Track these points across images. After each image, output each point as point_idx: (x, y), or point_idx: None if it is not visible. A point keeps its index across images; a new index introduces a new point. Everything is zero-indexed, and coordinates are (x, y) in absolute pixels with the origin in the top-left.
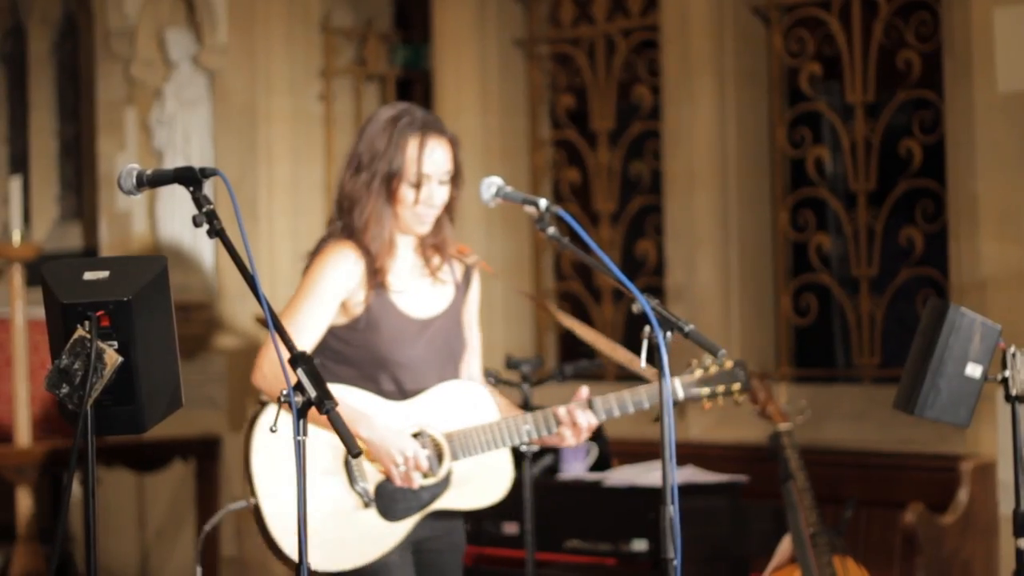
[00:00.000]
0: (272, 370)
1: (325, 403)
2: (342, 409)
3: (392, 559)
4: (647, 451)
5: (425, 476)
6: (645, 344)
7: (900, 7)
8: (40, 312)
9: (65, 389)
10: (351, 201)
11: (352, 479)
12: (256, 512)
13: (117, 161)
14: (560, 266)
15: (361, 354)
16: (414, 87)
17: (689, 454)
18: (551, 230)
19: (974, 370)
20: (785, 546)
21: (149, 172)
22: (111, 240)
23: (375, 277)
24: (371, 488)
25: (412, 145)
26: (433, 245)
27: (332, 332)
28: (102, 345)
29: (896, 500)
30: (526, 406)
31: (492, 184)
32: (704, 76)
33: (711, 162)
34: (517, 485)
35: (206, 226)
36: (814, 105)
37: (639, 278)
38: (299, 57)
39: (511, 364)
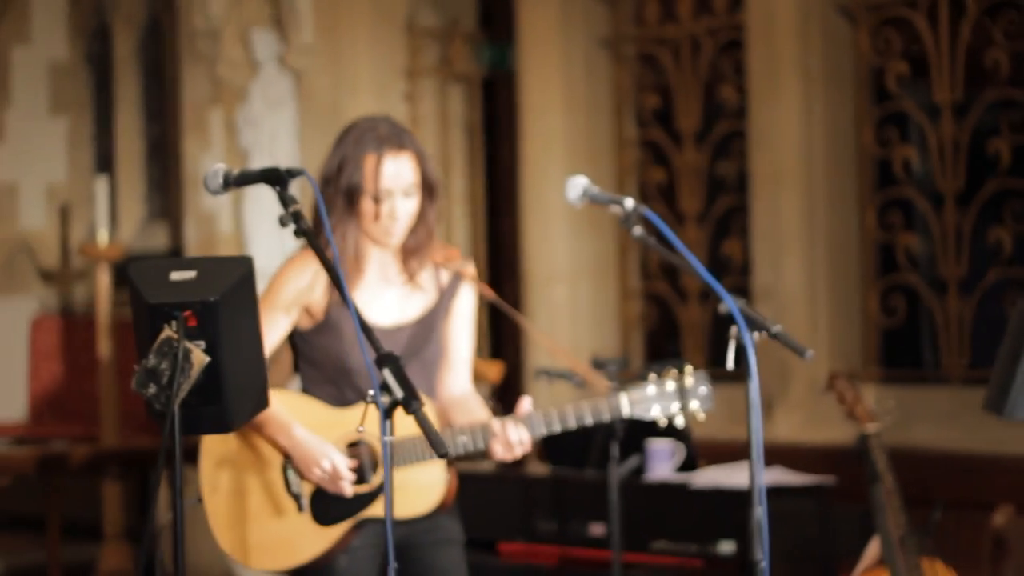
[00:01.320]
0: (276, 375)
1: (412, 403)
2: (271, 416)
3: (340, 564)
4: (734, 452)
5: (359, 483)
6: (732, 345)
7: (988, 6)
8: (127, 312)
9: (152, 389)
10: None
11: (288, 484)
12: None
13: (202, 161)
14: (646, 266)
15: (323, 358)
16: (499, 87)
17: (776, 455)
18: (637, 230)
19: None
20: (873, 548)
21: (235, 172)
22: (197, 240)
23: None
24: (305, 494)
25: (369, 161)
26: (410, 251)
27: (303, 336)
28: (189, 345)
29: (985, 502)
30: None
31: (578, 184)
32: (790, 76)
33: (797, 162)
34: (603, 486)
35: (292, 226)
36: (901, 105)
37: (725, 278)
38: (384, 57)
39: (597, 365)
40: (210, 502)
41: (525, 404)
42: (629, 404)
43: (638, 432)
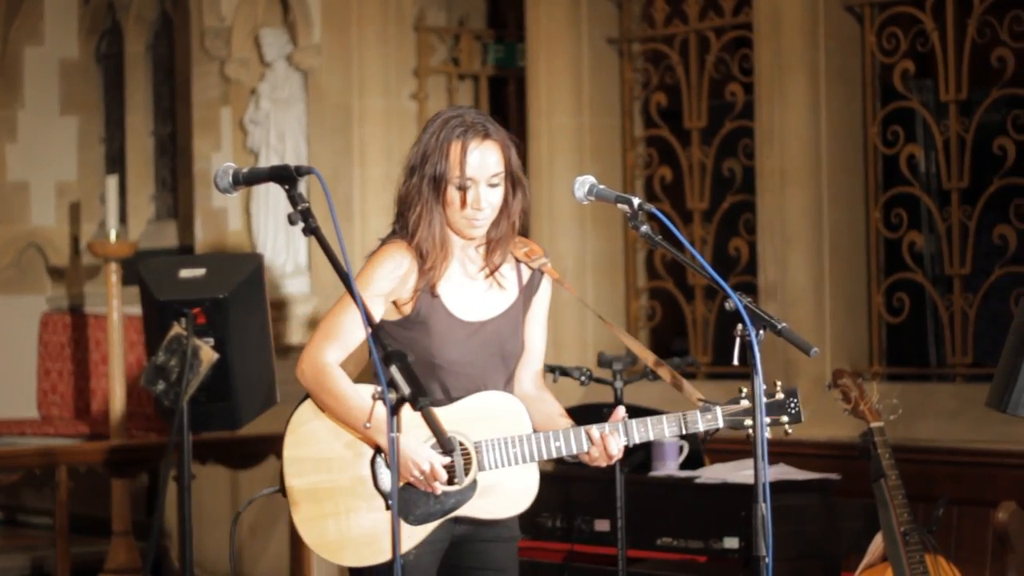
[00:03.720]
0: (311, 368)
1: (419, 400)
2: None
3: (407, 559)
4: (739, 448)
5: (450, 483)
6: (738, 342)
7: (994, 4)
8: (136, 309)
9: (161, 386)
10: (404, 203)
11: (377, 479)
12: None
13: (212, 160)
14: (652, 264)
15: (410, 353)
16: (507, 86)
17: (781, 452)
18: (644, 228)
19: None
20: (877, 544)
21: (245, 171)
22: (206, 238)
23: (424, 277)
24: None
25: (455, 148)
26: (492, 244)
27: (384, 328)
28: (198, 342)
29: (988, 498)
30: (618, 403)
31: (585, 182)
32: (797, 74)
33: (804, 160)
34: (610, 483)
35: (301, 224)
36: (907, 103)
37: (731, 276)
38: (392, 56)
39: (603, 362)
40: (293, 495)
41: (620, 412)
42: (722, 417)
43: None
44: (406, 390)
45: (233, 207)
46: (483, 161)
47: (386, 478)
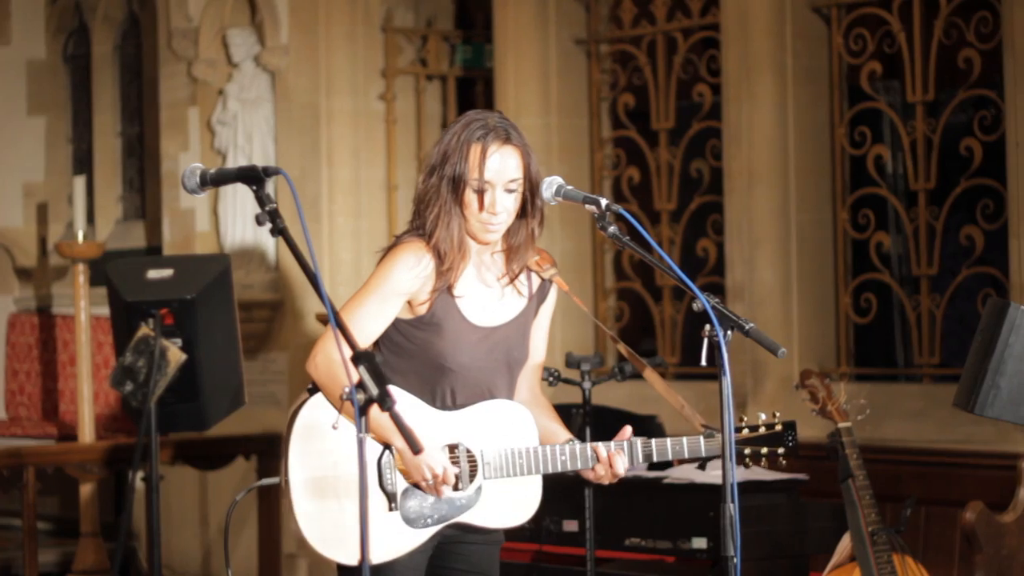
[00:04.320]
0: (324, 362)
1: (386, 401)
2: (382, 416)
3: (401, 559)
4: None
5: (455, 488)
6: (706, 343)
7: (960, 5)
8: (104, 310)
9: (129, 386)
10: (424, 203)
11: (382, 479)
12: (286, 491)
13: (180, 161)
14: (620, 265)
15: (419, 353)
16: (475, 87)
17: None
18: (612, 229)
19: None
20: (845, 544)
21: (212, 171)
22: (174, 239)
23: (442, 278)
24: (399, 491)
25: (474, 151)
26: (511, 252)
27: (396, 325)
28: (166, 343)
29: (956, 498)
30: (586, 403)
31: (553, 183)
32: (764, 75)
33: (771, 161)
34: (578, 483)
35: (268, 224)
36: (875, 104)
37: (699, 277)
38: (360, 57)
39: (571, 362)
40: (295, 488)
41: (627, 431)
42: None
43: (609, 428)
44: (374, 391)
45: (201, 208)
46: (502, 165)
47: (391, 478)
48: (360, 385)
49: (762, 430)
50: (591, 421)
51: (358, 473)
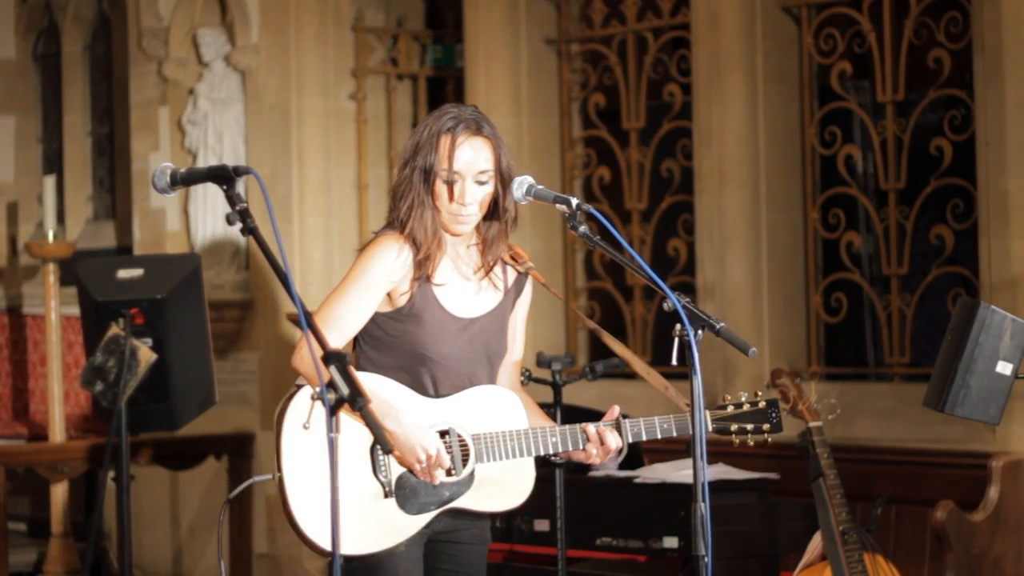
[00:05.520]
0: (309, 356)
1: (357, 400)
2: (375, 396)
3: (398, 549)
4: (678, 448)
5: (448, 474)
6: (676, 342)
7: (930, 5)
8: (74, 310)
9: (99, 386)
10: (398, 195)
11: (376, 467)
12: (280, 486)
13: (150, 160)
14: (591, 264)
15: (400, 345)
16: (446, 86)
17: (720, 451)
18: (582, 228)
19: (1004, 368)
20: (816, 543)
21: (183, 171)
22: (144, 239)
23: (420, 268)
24: (393, 479)
25: (444, 141)
26: (486, 244)
27: (375, 319)
28: (136, 342)
29: (926, 497)
30: (557, 403)
31: (523, 182)
32: (735, 75)
33: (742, 160)
34: (549, 482)
35: (239, 224)
36: (845, 103)
37: (670, 276)
38: (331, 56)
39: (542, 362)
40: (289, 483)
41: (616, 410)
42: (711, 421)
43: None
44: (345, 391)
45: (171, 207)
46: (472, 156)
47: (385, 465)
48: (331, 384)
49: (746, 407)
50: (562, 421)
51: (329, 473)
